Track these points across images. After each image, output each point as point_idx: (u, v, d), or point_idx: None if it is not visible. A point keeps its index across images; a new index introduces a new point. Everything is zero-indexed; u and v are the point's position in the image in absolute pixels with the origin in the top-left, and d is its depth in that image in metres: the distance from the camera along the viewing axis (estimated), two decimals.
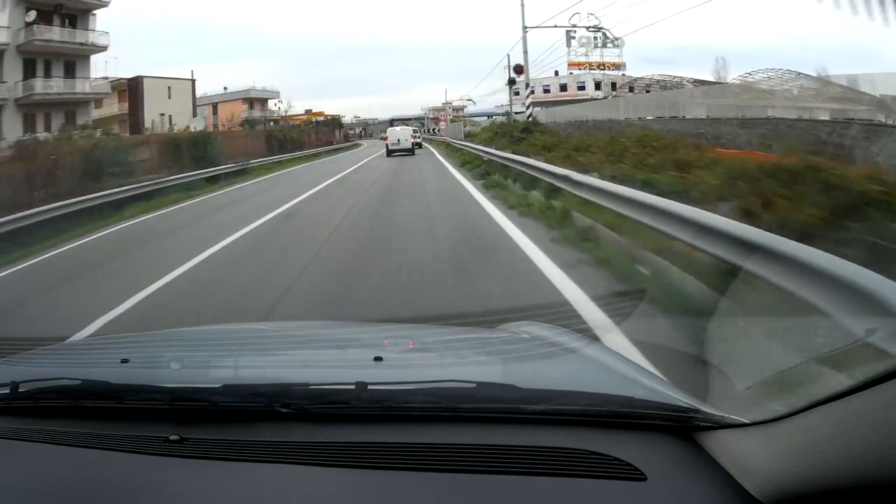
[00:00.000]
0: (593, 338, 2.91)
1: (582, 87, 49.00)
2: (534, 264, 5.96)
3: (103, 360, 1.83)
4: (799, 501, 0.93)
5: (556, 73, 47.81)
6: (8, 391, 1.40)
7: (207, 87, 48.57)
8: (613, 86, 46.96)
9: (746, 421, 1.08)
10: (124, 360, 1.59)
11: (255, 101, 52.27)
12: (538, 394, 1.29)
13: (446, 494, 1.10)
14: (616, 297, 4.60)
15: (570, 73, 48.89)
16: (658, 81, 43.00)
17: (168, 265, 7.08)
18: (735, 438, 1.09)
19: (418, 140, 36.90)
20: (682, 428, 1.18)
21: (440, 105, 75.56)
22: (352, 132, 69.93)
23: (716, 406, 1.19)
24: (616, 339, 3.30)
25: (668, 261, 5.06)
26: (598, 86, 47.70)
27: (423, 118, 69.70)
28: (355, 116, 75.07)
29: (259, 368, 1.72)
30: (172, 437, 1.23)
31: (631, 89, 43.47)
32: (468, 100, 55.21)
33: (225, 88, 50.35)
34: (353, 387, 1.27)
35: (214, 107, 48.48)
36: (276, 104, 54.12)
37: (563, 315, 3.89)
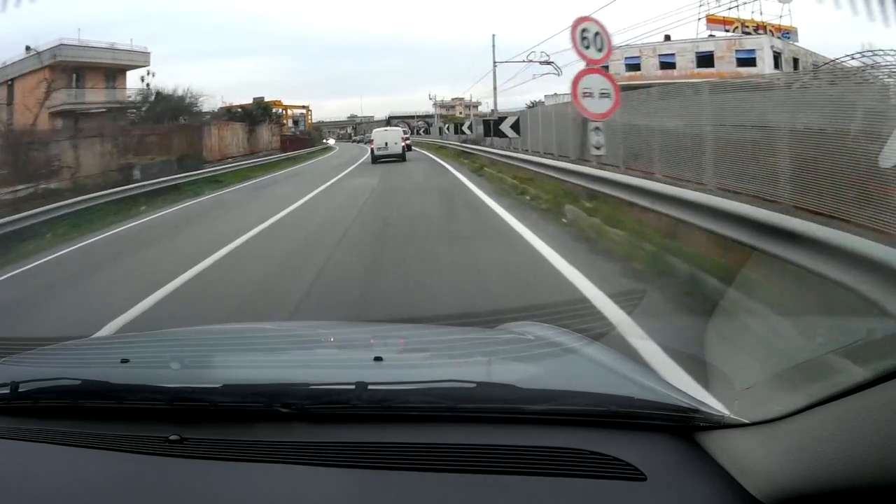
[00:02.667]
0: None
1: (748, 61, 26.12)
2: None
3: (103, 360, 1.83)
4: (799, 501, 0.93)
5: (668, 37, 28.20)
6: (8, 391, 1.40)
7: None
8: (795, 63, 25.97)
9: (746, 421, 1.08)
10: (124, 360, 1.59)
11: (88, 70, 26.02)
12: (538, 394, 1.29)
13: (446, 494, 1.10)
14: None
15: (712, 35, 27.44)
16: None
17: None
18: (735, 438, 1.09)
19: (408, 143, 29.84)
20: (682, 428, 1.18)
21: (452, 99, 60.68)
22: (342, 131, 65.70)
23: (716, 406, 1.19)
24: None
25: None
26: (776, 60, 26.02)
27: (430, 116, 58.50)
28: (351, 115, 67.61)
29: (259, 368, 1.72)
30: (172, 437, 1.23)
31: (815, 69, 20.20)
32: (545, 62, 28.05)
33: (28, 49, 24.27)
34: (353, 387, 1.27)
35: (9, 86, 24.50)
36: (145, 76, 28.46)
37: None
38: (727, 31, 24.27)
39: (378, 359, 1.52)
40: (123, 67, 27.87)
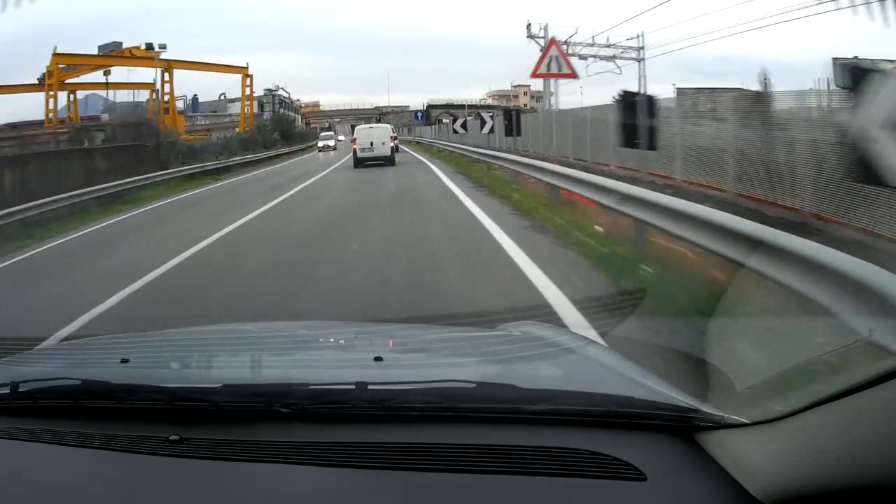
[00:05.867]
0: None
1: None
2: None
3: (103, 360, 1.83)
4: (799, 501, 0.93)
5: None
6: (8, 391, 1.40)
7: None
8: None
9: (746, 421, 1.08)
10: (124, 360, 1.59)
11: None
12: (538, 394, 1.29)
13: (446, 494, 1.10)
14: None
15: None
16: None
17: None
18: (735, 438, 1.09)
19: (396, 143, 26.35)
20: (682, 428, 1.18)
21: (513, 87, 47.23)
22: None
23: (716, 406, 1.19)
24: None
25: None
26: None
27: (489, 107, 45.38)
28: (377, 106, 57.58)
29: (259, 368, 1.72)
30: (172, 437, 1.23)
31: None
32: None
33: None
34: (353, 387, 1.27)
35: None
36: None
37: None
38: None
39: (378, 359, 1.52)
40: None
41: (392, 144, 23.91)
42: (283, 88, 53.37)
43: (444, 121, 46.75)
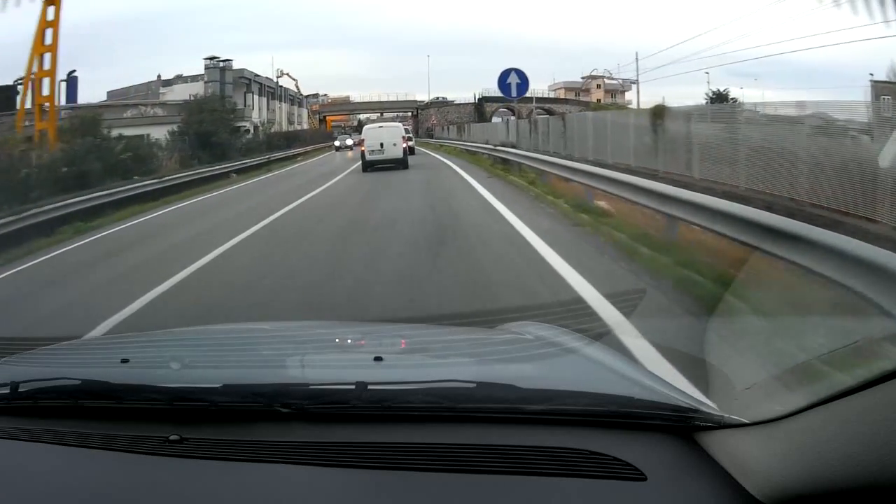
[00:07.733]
0: None
1: None
2: None
3: (103, 360, 1.83)
4: (799, 501, 0.93)
5: None
6: (8, 391, 1.40)
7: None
8: None
9: (746, 421, 1.08)
10: (124, 360, 1.58)
11: None
12: (538, 394, 1.29)
13: (446, 494, 1.10)
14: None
15: None
16: None
17: None
18: (735, 438, 1.09)
19: (411, 144, 24.22)
20: (682, 428, 1.18)
21: (583, 79, 38.56)
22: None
23: (716, 406, 1.19)
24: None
25: None
26: None
27: (558, 101, 37.83)
28: (414, 100, 51.45)
29: (259, 368, 1.72)
30: (172, 437, 1.23)
31: None
32: None
33: None
34: (353, 387, 1.27)
35: None
36: None
37: None
38: None
39: (378, 359, 1.52)
40: None
41: (405, 146, 21.71)
42: (288, 74, 45.46)
43: (496, 119, 37.22)
